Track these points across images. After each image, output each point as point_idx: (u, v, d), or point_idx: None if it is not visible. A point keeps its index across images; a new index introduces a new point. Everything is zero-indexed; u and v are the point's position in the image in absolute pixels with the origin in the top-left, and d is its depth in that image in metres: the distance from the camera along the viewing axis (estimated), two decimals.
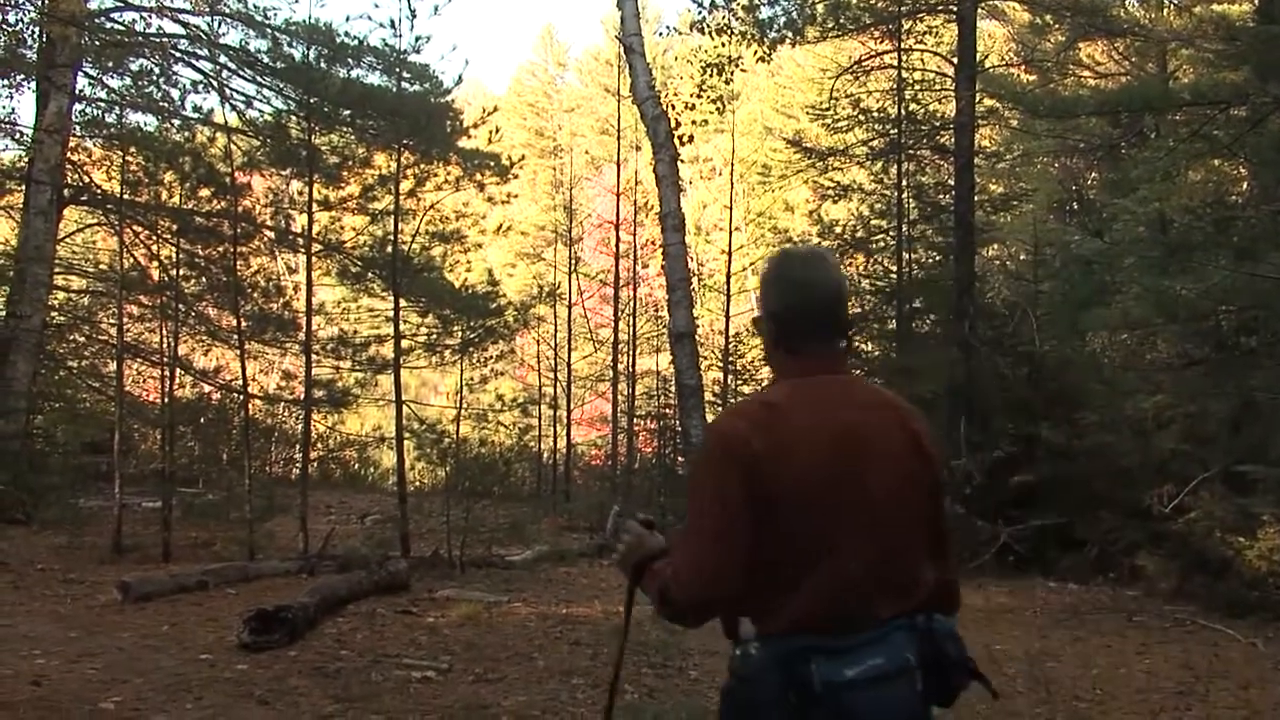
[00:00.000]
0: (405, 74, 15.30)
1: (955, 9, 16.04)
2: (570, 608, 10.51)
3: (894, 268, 16.75)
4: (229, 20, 19.01)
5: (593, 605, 10.73)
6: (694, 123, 18.66)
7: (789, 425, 2.81)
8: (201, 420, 16.56)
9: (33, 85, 19.58)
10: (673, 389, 18.85)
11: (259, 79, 18.25)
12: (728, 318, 21.72)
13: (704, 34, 18.53)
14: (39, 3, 18.65)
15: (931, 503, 2.98)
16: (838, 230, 17.40)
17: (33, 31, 19.45)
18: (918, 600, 2.85)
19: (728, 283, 22.89)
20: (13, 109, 24.92)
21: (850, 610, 2.74)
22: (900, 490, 2.86)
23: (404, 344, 14.64)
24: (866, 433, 2.86)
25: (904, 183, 16.53)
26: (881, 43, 17.73)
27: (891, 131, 16.80)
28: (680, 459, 18.37)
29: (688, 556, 2.83)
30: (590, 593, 11.79)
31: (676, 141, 17.37)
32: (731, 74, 18.92)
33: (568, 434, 26.28)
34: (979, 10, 16.61)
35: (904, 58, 17.01)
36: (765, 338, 3.09)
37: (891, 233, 16.75)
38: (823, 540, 2.74)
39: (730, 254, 23.51)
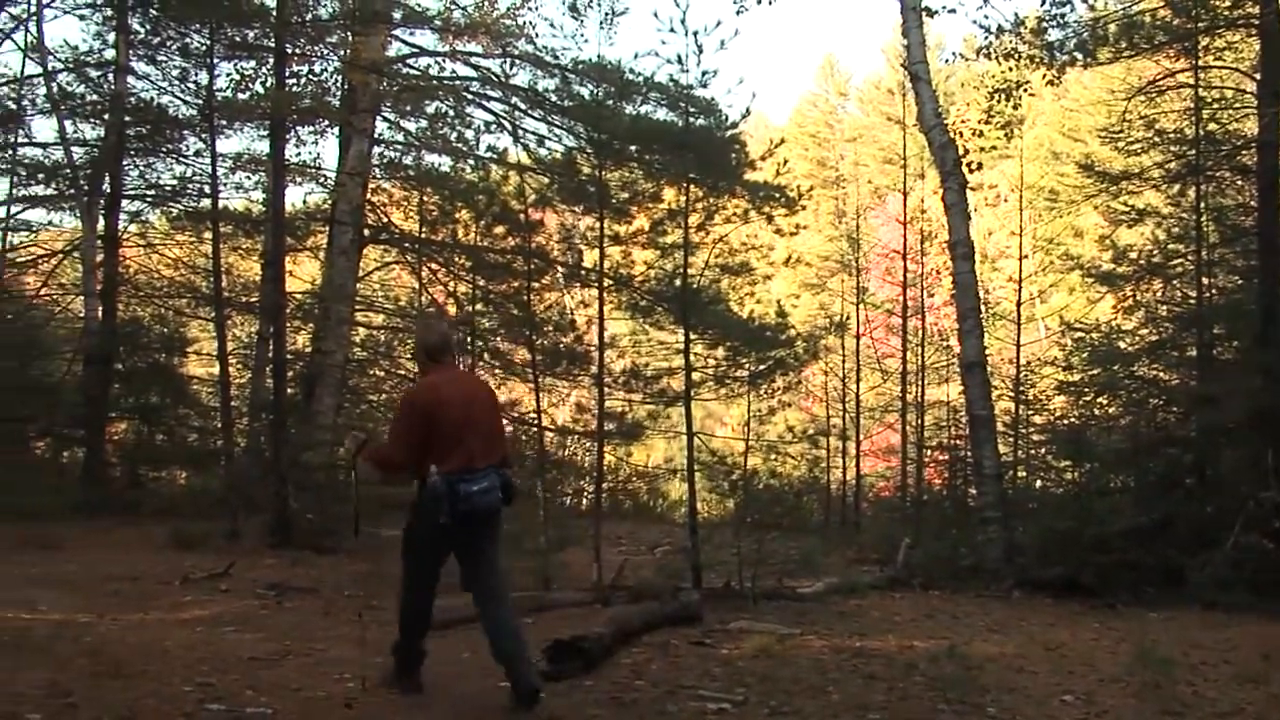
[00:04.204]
0: (691, 109, 15.40)
1: (1257, 22, 15.42)
2: (863, 641, 10.37)
3: (1193, 293, 16.15)
4: (519, 62, 19.52)
5: (886, 639, 10.57)
6: (982, 149, 18.37)
7: (442, 391, 7.17)
8: None
9: (336, 131, 20.46)
10: (963, 419, 18.55)
11: (549, 118, 18.64)
12: (1018, 347, 21.27)
13: (990, 59, 18.25)
14: (342, 52, 19.42)
15: (498, 416, 7.78)
16: (1132, 255, 16.90)
17: (336, 80, 20.32)
18: (497, 460, 7.24)
19: (1018, 311, 22.44)
20: (317, 154, 26.06)
21: (473, 463, 7.02)
22: (489, 417, 7.41)
23: (694, 376, 14.72)
24: (474, 394, 7.46)
25: (1203, 205, 15.95)
26: (1176, 61, 17.15)
27: (1189, 152, 16.24)
28: (972, 491, 18.03)
29: (393, 444, 7.33)
30: (883, 626, 11.64)
31: (965, 169, 17.12)
32: (1020, 99, 18.58)
33: (856, 465, 26.10)
34: None
35: (1201, 75, 16.43)
36: (420, 357, 7.71)
37: (1190, 257, 16.16)
38: (460, 437, 7.04)
39: (1020, 282, 23.05)
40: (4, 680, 7.08)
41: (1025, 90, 18.58)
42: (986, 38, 17.95)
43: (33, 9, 21.99)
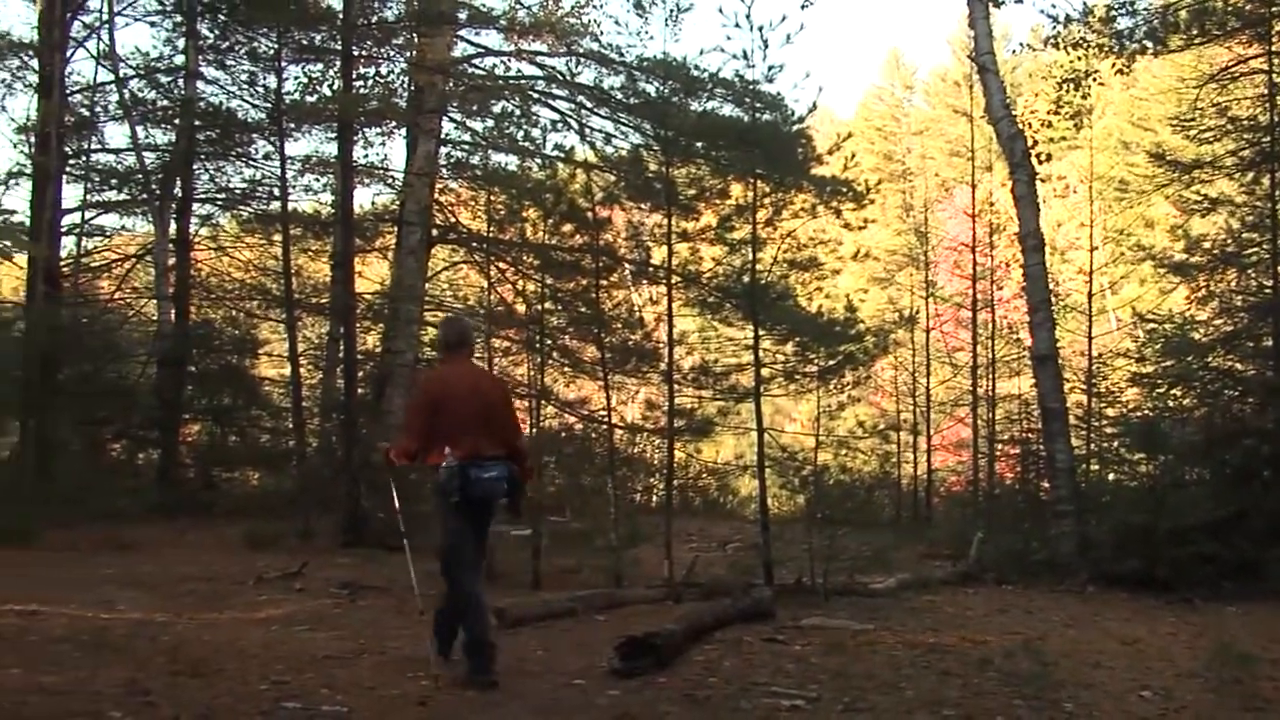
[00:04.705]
0: (757, 104, 15.34)
1: None
2: (937, 636, 10.31)
3: (1268, 283, 15.93)
4: (584, 60, 19.60)
5: (959, 634, 10.49)
6: (1051, 140, 18.22)
7: (450, 382, 8.13)
8: (570, 449, 16.91)
9: (403, 132, 20.63)
10: (1035, 413, 18.40)
11: (615, 115, 18.67)
12: (1090, 339, 21.02)
13: (1059, 49, 18.10)
14: (408, 54, 19.55)
15: (508, 410, 8.61)
16: (1205, 245, 16.68)
17: (402, 81, 20.48)
18: (506, 451, 7.99)
19: (1089, 303, 22.19)
20: (385, 155, 26.24)
21: (481, 452, 7.80)
22: (496, 406, 8.20)
23: (764, 372, 14.67)
24: (481, 385, 8.34)
25: (1277, 193, 15.72)
26: (1249, 47, 16.90)
27: (1262, 140, 16.00)
28: (1044, 484, 17.86)
29: (407, 433, 8.21)
30: (956, 621, 11.57)
31: (1034, 160, 16.97)
32: (1089, 88, 18.41)
33: (928, 460, 25.96)
34: None
35: (1275, 61, 16.19)
36: (439, 349, 9.50)
37: (1265, 246, 15.93)
38: (467, 425, 7.80)
39: (1091, 273, 22.81)
40: (85, 678, 7.20)
41: (1094, 80, 18.42)
42: (1054, 27, 17.83)
43: (104, 17, 22.31)
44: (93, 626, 9.28)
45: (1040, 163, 17.54)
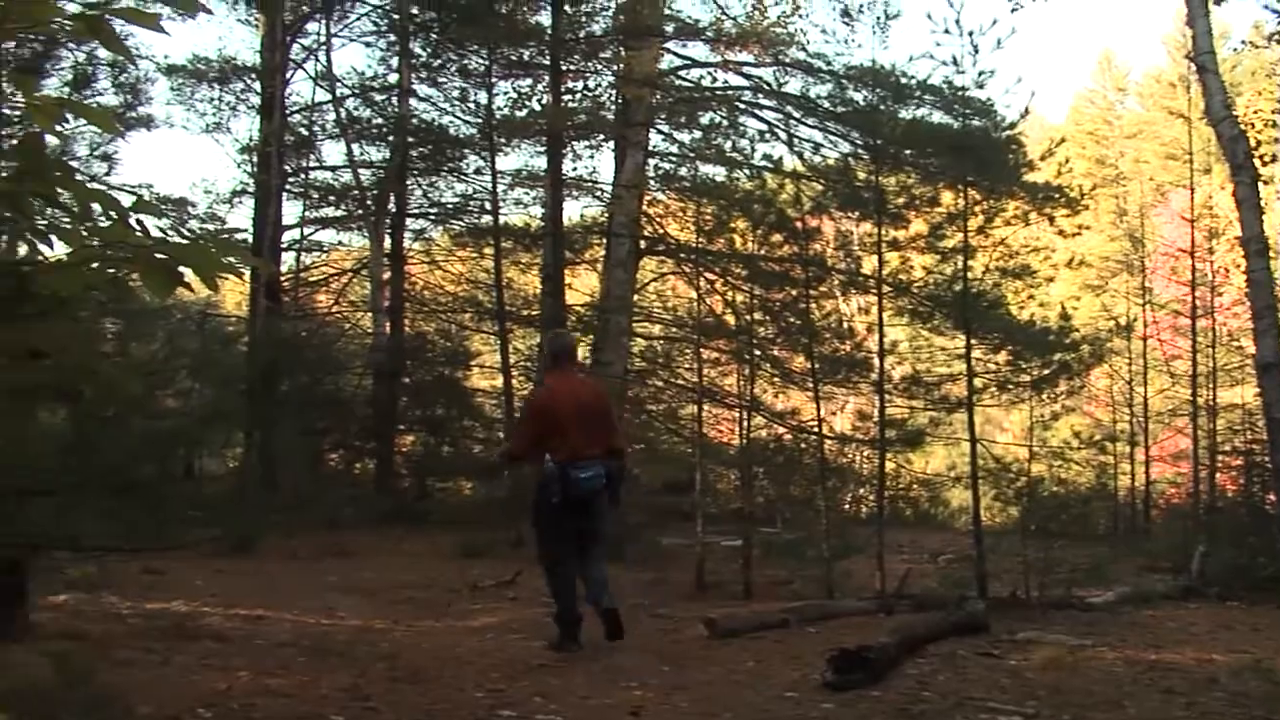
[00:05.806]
0: (967, 110, 15.17)
1: None
2: (1159, 653, 10.01)
3: None
4: (791, 69, 19.58)
5: (1183, 651, 10.19)
6: (1275, 140, 17.66)
7: (556, 394, 9.47)
8: (780, 460, 16.88)
9: (611, 145, 20.86)
10: (1259, 423, 17.83)
11: (823, 124, 18.64)
12: None
13: None
14: (615, 67, 19.78)
15: (608, 416, 9.73)
16: None
17: (610, 94, 20.72)
18: (604, 451, 9.34)
19: None
20: (594, 168, 26.63)
21: (581, 453, 9.14)
22: (596, 413, 9.47)
23: (976, 382, 14.47)
24: (583, 396, 9.57)
25: None
26: None
27: None
28: (1271, 496, 17.27)
29: (517, 438, 10.29)
30: (1179, 637, 11.22)
31: (1257, 162, 16.45)
32: None
33: (1146, 471, 25.34)
34: None
35: None
36: (546, 361, 11.09)
37: None
38: (569, 429, 9.15)
39: None
40: (309, 683, 7.41)
41: None
42: (1278, 22, 17.30)
43: (322, 39, 23.01)
44: (315, 632, 9.56)
45: (1264, 164, 17.01)
